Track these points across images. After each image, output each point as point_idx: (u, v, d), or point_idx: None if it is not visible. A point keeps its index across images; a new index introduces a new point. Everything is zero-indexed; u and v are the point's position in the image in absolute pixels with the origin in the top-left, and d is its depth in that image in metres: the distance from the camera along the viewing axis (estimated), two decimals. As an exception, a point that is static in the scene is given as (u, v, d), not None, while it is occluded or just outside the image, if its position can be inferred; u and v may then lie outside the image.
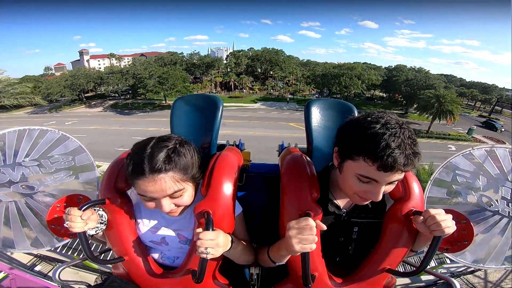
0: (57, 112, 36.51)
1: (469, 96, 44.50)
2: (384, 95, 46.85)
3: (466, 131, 28.14)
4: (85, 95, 43.53)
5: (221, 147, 1.41)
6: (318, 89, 46.00)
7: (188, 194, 0.89)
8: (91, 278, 1.11)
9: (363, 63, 44.34)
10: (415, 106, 32.29)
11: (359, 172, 0.76)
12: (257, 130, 25.90)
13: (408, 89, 36.47)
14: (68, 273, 0.97)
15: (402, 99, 39.98)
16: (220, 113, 1.31)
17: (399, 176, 0.74)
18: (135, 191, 1.03)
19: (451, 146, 23.50)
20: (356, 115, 1.02)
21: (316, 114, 1.30)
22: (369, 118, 0.75)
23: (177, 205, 0.88)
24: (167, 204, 0.84)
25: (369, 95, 47.41)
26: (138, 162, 0.80)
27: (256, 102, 41.94)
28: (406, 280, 2.10)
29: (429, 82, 36.02)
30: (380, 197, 0.79)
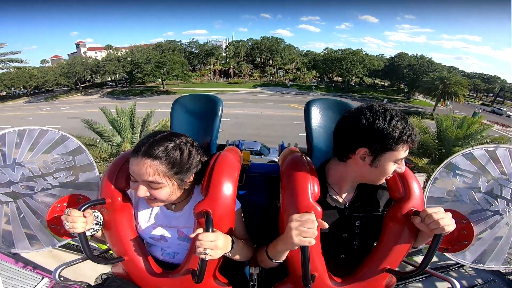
0: (53, 101, 36.80)
1: (471, 86, 44.07)
2: (386, 83, 46.75)
3: (471, 115, 28.37)
4: (82, 85, 43.59)
5: (221, 147, 1.41)
6: (319, 74, 46.12)
7: (165, 191, 0.88)
8: (91, 278, 1.11)
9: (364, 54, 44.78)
10: (418, 89, 32.17)
11: (398, 157, 0.86)
12: (256, 109, 26.73)
13: (410, 74, 36.54)
14: (68, 273, 0.97)
15: (404, 86, 40.12)
16: (220, 113, 1.31)
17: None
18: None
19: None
20: None
21: (316, 114, 1.30)
22: (382, 110, 0.85)
23: (152, 196, 0.89)
24: (142, 190, 0.87)
25: (370, 84, 47.42)
26: (142, 143, 0.86)
27: (256, 87, 41.99)
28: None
29: (432, 67, 36.09)
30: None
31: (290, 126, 19.51)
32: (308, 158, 1.08)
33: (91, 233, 0.96)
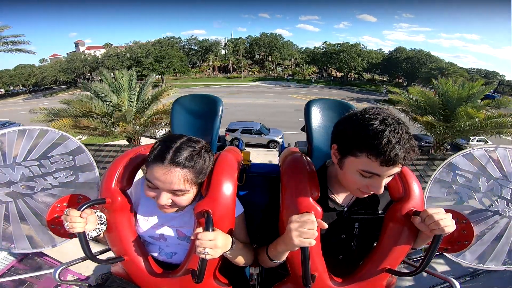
0: (51, 97, 37.32)
1: (470, 79, 43.66)
2: (385, 79, 47.47)
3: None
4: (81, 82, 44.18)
5: (221, 147, 1.41)
6: (318, 68, 47.29)
7: (188, 196, 0.90)
8: (91, 278, 1.11)
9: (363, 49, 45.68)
10: (417, 80, 32.27)
11: (362, 168, 0.78)
12: (257, 99, 28.11)
13: (409, 66, 36.97)
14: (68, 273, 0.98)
15: (403, 81, 40.83)
16: (220, 113, 1.31)
17: (398, 169, 0.77)
18: (135, 187, 1.03)
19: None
20: None
21: (316, 114, 1.30)
22: (367, 115, 0.77)
23: (174, 203, 0.89)
24: (165, 198, 0.86)
25: (369, 78, 48.14)
26: (164, 150, 0.84)
27: (255, 81, 42.63)
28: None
29: (430, 59, 36.52)
30: (382, 190, 0.81)
31: (290, 113, 20.46)
32: (308, 158, 1.08)
33: (97, 233, 0.96)
